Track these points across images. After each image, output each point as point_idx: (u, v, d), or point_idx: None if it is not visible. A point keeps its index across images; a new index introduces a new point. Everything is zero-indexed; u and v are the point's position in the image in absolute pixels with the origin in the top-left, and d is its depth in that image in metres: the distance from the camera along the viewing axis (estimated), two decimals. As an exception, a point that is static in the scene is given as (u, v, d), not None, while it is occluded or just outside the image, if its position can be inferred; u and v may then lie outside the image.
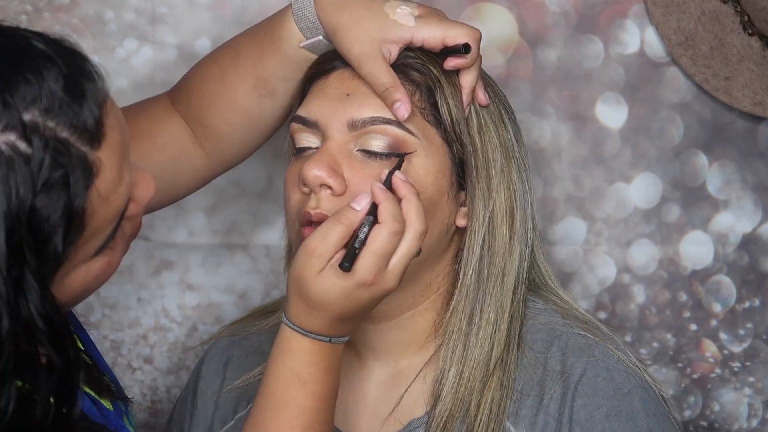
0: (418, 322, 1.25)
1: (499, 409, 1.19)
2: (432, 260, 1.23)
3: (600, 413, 1.18)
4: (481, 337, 1.21)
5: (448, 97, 1.20)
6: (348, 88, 1.20)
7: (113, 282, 1.64)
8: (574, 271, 1.65)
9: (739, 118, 1.63)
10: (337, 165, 1.18)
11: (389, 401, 1.26)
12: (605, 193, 1.65)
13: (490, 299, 1.21)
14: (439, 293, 1.25)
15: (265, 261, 1.66)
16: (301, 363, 1.09)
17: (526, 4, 1.61)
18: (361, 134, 1.19)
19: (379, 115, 1.18)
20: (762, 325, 1.67)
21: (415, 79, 1.21)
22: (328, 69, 1.23)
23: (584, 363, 1.20)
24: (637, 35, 1.62)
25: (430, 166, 1.20)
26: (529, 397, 1.21)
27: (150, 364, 1.67)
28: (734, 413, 1.68)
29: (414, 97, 1.20)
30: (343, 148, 1.19)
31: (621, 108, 1.63)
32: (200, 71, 1.32)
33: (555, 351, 1.22)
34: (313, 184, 1.17)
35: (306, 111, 1.22)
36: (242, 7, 1.62)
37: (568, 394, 1.19)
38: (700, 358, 1.67)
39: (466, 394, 1.20)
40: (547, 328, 1.24)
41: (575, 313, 1.26)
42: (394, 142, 1.18)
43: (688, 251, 1.66)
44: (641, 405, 1.19)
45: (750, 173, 1.65)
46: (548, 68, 1.62)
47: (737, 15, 1.58)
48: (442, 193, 1.21)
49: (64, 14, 1.61)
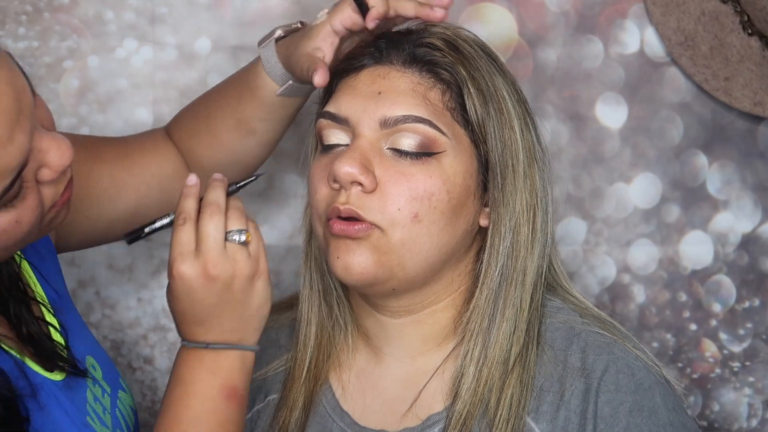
0: (439, 319, 1.26)
1: (519, 405, 1.20)
2: (455, 259, 1.24)
3: (623, 409, 1.19)
4: (501, 335, 1.22)
5: (475, 98, 1.21)
6: (380, 87, 1.21)
7: (113, 282, 1.65)
8: (574, 271, 1.65)
9: (739, 118, 1.63)
10: (369, 162, 1.19)
11: (406, 397, 1.26)
12: (605, 193, 1.65)
13: (510, 299, 1.22)
14: (459, 291, 1.26)
15: (265, 261, 1.65)
16: (184, 367, 1.15)
17: (526, 4, 1.62)
18: (392, 132, 1.20)
19: (412, 114, 1.19)
20: (762, 325, 1.67)
21: (445, 78, 1.21)
22: (358, 66, 1.24)
23: (605, 360, 1.21)
24: (637, 35, 1.62)
25: (459, 167, 1.21)
26: (550, 394, 1.21)
27: (150, 364, 1.67)
28: (734, 413, 1.68)
29: (444, 96, 1.21)
30: (374, 145, 1.20)
31: (621, 108, 1.63)
32: (191, 109, 1.43)
33: (575, 349, 1.23)
34: (345, 180, 1.18)
35: (336, 107, 1.23)
36: (242, 7, 1.62)
37: (591, 391, 1.20)
38: (700, 358, 1.67)
39: (485, 391, 1.21)
40: (566, 327, 1.25)
41: (592, 312, 1.28)
42: (425, 140, 1.19)
43: (688, 251, 1.66)
44: (662, 400, 1.20)
45: (750, 173, 1.65)
46: (548, 68, 1.62)
47: (737, 15, 1.58)
48: (469, 193, 1.22)
49: (64, 14, 1.61)
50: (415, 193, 1.18)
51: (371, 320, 1.28)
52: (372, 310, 1.27)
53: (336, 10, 1.27)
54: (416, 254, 1.19)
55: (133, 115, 1.63)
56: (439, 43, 1.22)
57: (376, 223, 1.18)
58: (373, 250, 1.18)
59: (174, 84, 1.63)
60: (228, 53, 1.63)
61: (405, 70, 1.21)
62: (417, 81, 1.21)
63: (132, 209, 1.35)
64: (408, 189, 1.18)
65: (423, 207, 1.18)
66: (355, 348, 1.30)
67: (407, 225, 1.18)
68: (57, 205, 1.08)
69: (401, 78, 1.21)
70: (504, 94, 1.23)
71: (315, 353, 1.29)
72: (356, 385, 1.29)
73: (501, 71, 1.25)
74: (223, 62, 1.63)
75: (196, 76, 1.63)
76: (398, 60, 1.22)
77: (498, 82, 1.23)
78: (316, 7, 1.61)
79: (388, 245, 1.18)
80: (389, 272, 1.19)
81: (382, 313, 1.26)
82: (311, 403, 1.29)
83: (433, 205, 1.18)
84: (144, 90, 1.63)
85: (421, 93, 1.20)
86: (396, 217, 1.18)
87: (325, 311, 1.30)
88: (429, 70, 1.21)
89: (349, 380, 1.29)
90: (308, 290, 1.30)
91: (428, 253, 1.20)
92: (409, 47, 1.22)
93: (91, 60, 1.62)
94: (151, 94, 1.63)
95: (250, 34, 1.61)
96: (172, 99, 1.63)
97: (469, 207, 1.22)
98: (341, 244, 1.19)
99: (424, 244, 1.19)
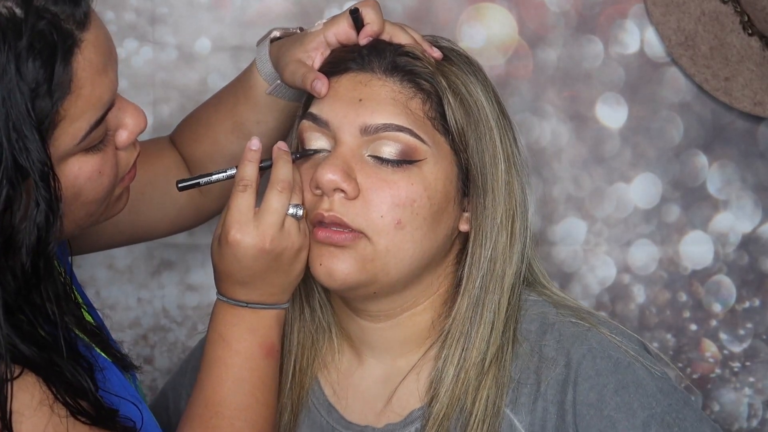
0: (418, 322, 1.28)
1: (495, 405, 1.22)
2: (435, 263, 1.25)
3: (608, 390, 1.20)
4: (479, 338, 1.23)
5: (455, 108, 1.22)
6: (361, 94, 1.22)
7: (113, 282, 1.65)
8: (574, 271, 1.65)
9: (739, 118, 1.63)
10: (351, 170, 1.20)
11: (386, 397, 1.28)
12: (605, 193, 1.65)
13: (489, 303, 1.24)
14: (438, 294, 1.27)
15: (265, 261, 1.66)
16: (224, 325, 1.21)
17: (526, 4, 1.61)
18: (373, 140, 1.21)
19: (392, 122, 1.20)
20: (762, 325, 1.67)
21: (425, 88, 1.23)
22: (341, 70, 1.25)
23: (580, 349, 1.22)
24: (637, 35, 1.62)
25: (439, 173, 1.22)
26: (527, 386, 1.23)
27: (150, 365, 1.67)
28: (734, 413, 1.68)
29: (425, 105, 1.22)
30: (355, 152, 1.21)
31: (621, 108, 1.63)
32: (193, 115, 1.47)
33: (549, 339, 1.24)
34: (328, 187, 1.19)
35: (318, 109, 1.24)
36: (242, 7, 1.62)
37: (569, 381, 1.21)
38: (700, 358, 1.67)
39: (461, 392, 1.23)
40: (540, 318, 1.26)
41: (566, 302, 1.29)
42: (405, 148, 1.21)
43: (688, 251, 1.66)
44: (644, 371, 1.21)
45: (750, 173, 1.65)
46: (548, 68, 1.62)
47: (737, 15, 1.58)
48: (449, 199, 1.23)
49: (64, 14, 1.61)
50: (398, 200, 1.19)
51: (352, 324, 1.29)
52: (353, 314, 1.28)
53: (332, 21, 1.28)
54: (400, 260, 1.21)
55: (133, 115, 1.63)
56: (419, 52, 1.24)
57: (362, 230, 1.19)
58: (357, 257, 1.20)
59: (174, 84, 1.63)
60: (228, 53, 1.63)
61: (386, 79, 1.22)
62: (398, 90, 1.22)
63: (134, 213, 1.36)
64: (390, 196, 1.19)
65: (405, 213, 1.19)
66: (340, 349, 1.32)
67: (391, 232, 1.19)
68: (125, 181, 1.15)
69: (382, 87, 1.22)
70: (483, 103, 1.25)
71: (299, 358, 1.31)
72: (342, 385, 1.31)
73: (480, 80, 1.26)
74: (223, 62, 1.63)
75: (196, 76, 1.63)
76: (380, 68, 1.23)
77: (477, 91, 1.24)
78: (316, 8, 1.62)
79: (374, 253, 1.20)
80: (373, 277, 1.21)
81: (362, 318, 1.28)
82: (299, 405, 1.31)
83: (416, 211, 1.20)
84: (144, 90, 1.63)
85: (401, 102, 1.21)
86: (379, 224, 1.19)
87: (308, 314, 1.31)
88: (410, 80, 1.22)
89: (337, 381, 1.31)
90: None
91: (411, 259, 1.21)
92: (391, 55, 1.23)
93: (91, 60, 1.62)
94: (151, 94, 1.63)
95: (250, 34, 1.61)
96: (172, 99, 1.63)
97: (449, 212, 1.24)
98: (324, 251, 1.20)
99: (408, 250, 1.20)
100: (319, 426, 1.30)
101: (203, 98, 1.63)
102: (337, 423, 1.29)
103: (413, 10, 1.62)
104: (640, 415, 1.18)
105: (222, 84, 1.63)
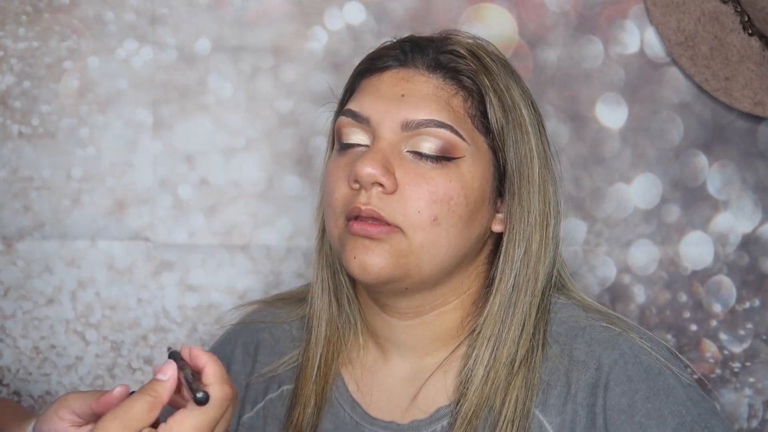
0: (446, 320, 1.28)
1: (524, 406, 1.22)
2: (466, 262, 1.26)
3: (640, 396, 1.20)
4: (509, 339, 1.23)
5: (497, 107, 1.23)
6: (403, 89, 1.22)
7: (113, 282, 1.65)
8: (574, 271, 1.65)
9: (739, 118, 1.63)
10: (390, 164, 1.20)
11: (412, 394, 1.28)
12: (605, 193, 1.65)
13: (521, 304, 1.24)
14: (469, 293, 1.28)
15: (265, 261, 1.66)
16: None
17: (526, 5, 1.62)
18: (413, 135, 1.21)
19: (434, 118, 1.21)
20: (762, 326, 1.67)
21: (467, 86, 1.23)
22: (382, 67, 1.25)
23: (612, 353, 1.22)
24: (637, 35, 1.62)
25: (476, 172, 1.22)
26: (557, 387, 1.23)
27: (150, 365, 1.67)
28: (734, 413, 1.68)
29: (466, 103, 1.23)
30: (394, 147, 1.21)
31: (621, 108, 1.63)
32: None
33: (580, 342, 1.24)
34: (366, 181, 1.19)
35: (359, 106, 1.24)
36: (242, 7, 1.62)
37: (599, 385, 1.21)
38: (700, 359, 1.67)
39: (491, 392, 1.23)
40: (571, 322, 1.26)
41: (596, 306, 1.29)
42: (445, 145, 1.21)
43: (688, 251, 1.66)
44: (675, 379, 1.21)
45: (750, 173, 1.65)
46: (548, 68, 1.62)
47: (737, 15, 1.58)
48: (484, 198, 1.24)
49: (64, 15, 1.61)
50: (435, 196, 1.19)
51: (379, 320, 1.29)
52: (380, 311, 1.28)
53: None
54: (434, 256, 1.20)
55: (133, 115, 1.63)
56: (463, 51, 1.24)
57: (398, 225, 1.19)
58: (391, 251, 1.19)
59: (174, 84, 1.63)
60: (228, 53, 1.63)
61: (429, 75, 1.23)
62: (440, 86, 1.22)
63: None
64: (428, 192, 1.19)
65: (442, 210, 1.19)
66: (365, 345, 1.32)
67: (427, 228, 1.19)
68: None
69: (425, 83, 1.22)
70: (521, 104, 1.25)
71: (325, 350, 1.31)
72: (366, 381, 1.30)
73: (518, 82, 1.27)
74: (223, 62, 1.63)
75: (196, 77, 1.63)
76: (422, 64, 1.23)
77: (515, 93, 1.25)
78: (315, 8, 1.62)
79: (409, 248, 1.19)
80: (406, 272, 1.21)
81: (390, 315, 1.27)
82: (323, 399, 1.31)
83: (452, 209, 1.20)
84: (144, 90, 1.63)
85: (444, 98, 1.22)
86: (416, 220, 1.19)
87: (336, 309, 1.31)
88: (452, 77, 1.23)
89: (361, 376, 1.31)
90: (320, 288, 1.32)
91: (445, 256, 1.21)
92: (433, 53, 1.24)
93: (91, 60, 1.62)
94: (151, 95, 1.63)
95: (250, 34, 1.61)
96: (172, 99, 1.63)
97: (483, 212, 1.24)
98: (359, 244, 1.20)
99: (442, 247, 1.20)
100: (342, 421, 1.30)
101: (203, 98, 1.63)
102: (360, 418, 1.29)
103: (413, 11, 1.62)
104: (670, 423, 1.18)
105: (222, 83, 1.63)
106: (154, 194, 1.64)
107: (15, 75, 1.62)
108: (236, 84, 1.63)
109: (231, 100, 1.64)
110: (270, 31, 1.63)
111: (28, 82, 1.62)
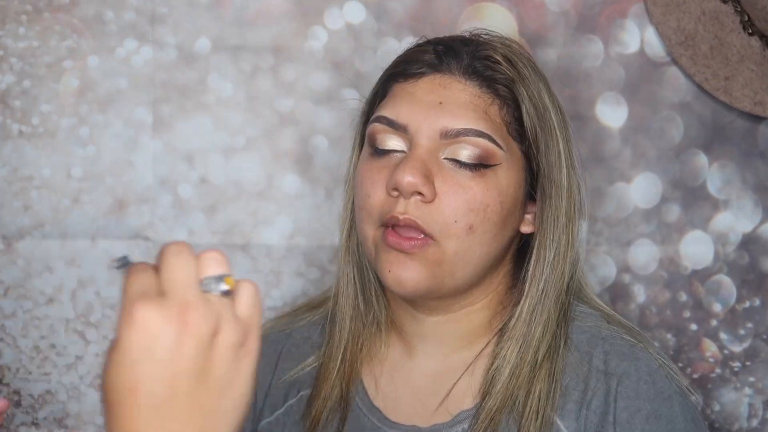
0: (473, 319, 1.28)
1: (548, 399, 1.22)
2: (496, 263, 1.26)
3: (640, 415, 1.20)
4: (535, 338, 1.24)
5: (533, 116, 1.23)
6: (440, 96, 1.22)
7: (113, 282, 1.65)
8: (574, 271, 1.65)
9: (739, 118, 1.63)
10: (429, 172, 1.20)
11: (437, 392, 1.28)
12: (605, 192, 1.65)
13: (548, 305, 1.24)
14: (496, 292, 1.28)
15: (265, 261, 1.66)
16: None
17: (526, 4, 1.61)
18: (451, 143, 1.21)
19: (473, 127, 1.21)
20: (762, 325, 1.67)
21: (502, 94, 1.23)
22: (417, 73, 1.24)
23: (627, 366, 1.22)
24: (637, 35, 1.62)
25: (511, 178, 1.23)
26: (575, 393, 1.23)
27: (150, 364, 1.67)
28: (734, 413, 1.68)
29: (501, 111, 1.23)
30: (432, 155, 1.21)
31: (621, 108, 1.63)
32: None
33: (599, 351, 1.24)
34: (407, 190, 1.19)
35: (395, 114, 1.23)
36: (242, 7, 1.62)
37: (610, 395, 1.21)
38: (700, 358, 1.67)
39: (515, 389, 1.23)
40: (593, 331, 1.26)
41: (619, 319, 1.30)
42: (483, 153, 1.21)
43: (688, 251, 1.66)
44: (680, 409, 1.21)
45: (750, 173, 1.65)
46: (548, 68, 1.62)
47: (737, 15, 1.58)
48: (517, 203, 1.24)
49: (64, 14, 1.61)
50: (472, 205, 1.19)
51: (407, 316, 1.29)
52: (408, 306, 1.28)
53: None
54: (467, 263, 1.21)
55: (133, 115, 1.63)
56: (498, 57, 1.24)
57: (433, 235, 1.19)
58: (426, 263, 1.19)
59: (174, 84, 1.63)
60: (228, 53, 1.63)
61: (466, 82, 1.22)
62: (477, 95, 1.22)
63: None
64: (465, 201, 1.19)
65: (478, 218, 1.20)
66: (387, 341, 1.32)
67: (462, 236, 1.19)
68: None
69: (462, 90, 1.22)
70: (550, 108, 1.25)
71: (349, 345, 1.31)
72: (388, 379, 1.30)
73: (545, 85, 1.27)
74: (223, 62, 1.63)
75: (196, 76, 1.63)
76: (458, 70, 1.23)
77: (546, 97, 1.25)
78: (316, 7, 1.62)
79: (443, 257, 1.19)
80: (440, 282, 1.21)
81: (419, 311, 1.28)
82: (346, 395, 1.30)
83: (488, 216, 1.20)
84: (144, 90, 1.63)
85: (481, 108, 1.21)
86: (452, 229, 1.19)
87: (362, 305, 1.31)
88: (489, 86, 1.22)
89: (382, 374, 1.30)
90: (345, 284, 1.32)
91: (478, 262, 1.22)
92: (469, 58, 1.23)
93: (91, 60, 1.62)
94: (151, 94, 1.63)
95: (250, 34, 1.61)
96: (172, 99, 1.63)
97: (515, 216, 1.25)
98: (393, 258, 1.20)
99: (475, 253, 1.21)
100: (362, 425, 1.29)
101: (203, 97, 1.63)
102: (381, 423, 1.28)
103: (413, 10, 1.62)
104: None
105: (222, 82, 1.63)
106: (154, 193, 1.64)
107: (15, 74, 1.62)
108: (236, 83, 1.63)
109: (231, 99, 1.64)
110: (270, 30, 1.62)
111: (28, 81, 1.62)
